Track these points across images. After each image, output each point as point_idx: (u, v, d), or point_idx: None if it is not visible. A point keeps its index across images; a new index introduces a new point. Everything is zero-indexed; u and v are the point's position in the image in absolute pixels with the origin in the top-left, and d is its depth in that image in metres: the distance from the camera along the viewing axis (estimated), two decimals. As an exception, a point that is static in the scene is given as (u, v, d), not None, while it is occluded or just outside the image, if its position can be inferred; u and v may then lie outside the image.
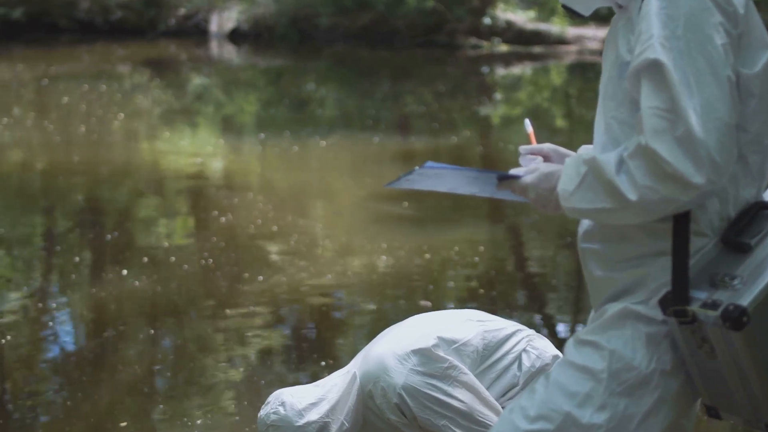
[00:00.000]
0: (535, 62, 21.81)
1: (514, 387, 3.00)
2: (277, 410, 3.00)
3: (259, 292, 6.36)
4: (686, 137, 1.89)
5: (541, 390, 2.15)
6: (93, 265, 7.15)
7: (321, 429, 2.95)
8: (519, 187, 2.17)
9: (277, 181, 10.17)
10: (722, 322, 1.93)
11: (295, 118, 14.28)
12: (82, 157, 10.83)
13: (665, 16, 1.95)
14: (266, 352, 5.43)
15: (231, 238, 7.66)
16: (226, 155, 11.49)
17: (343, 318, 6.17)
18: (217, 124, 13.86)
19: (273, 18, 24.19)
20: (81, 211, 8.91)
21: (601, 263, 2.16)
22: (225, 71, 20.07)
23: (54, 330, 5.80)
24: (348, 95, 16.56)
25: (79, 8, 23.88)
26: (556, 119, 15.16)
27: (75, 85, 16.09)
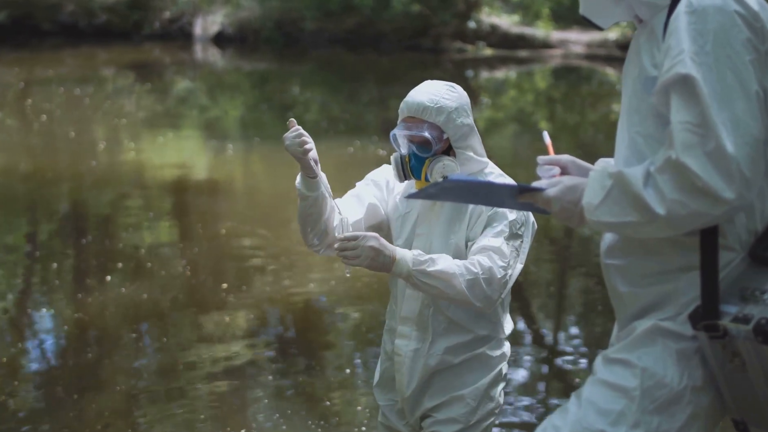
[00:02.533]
0: (520, 66, 21.85)
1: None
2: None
3: (243, 298, 6.33)
4: (717, 152, 1.89)
5: (574, 409, 2.14)
6: (75, 271, 7.10)
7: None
8: (542, 200, 2.15)
9: (261, 186, 10.14)
10: (754, 336, 1.92)
11: (280, 122, 14.25)
12: (65, 161, 10.77)
13: (694, 32, 1.96)
14: (249, 358, 5.40)
15: (214, 244, 7.62)
16: (210, 160, 11.45)
17: (327, 324, 6.14)
18: (201, 128, 13.82)
19: (258, 21, 24.16)
20: (63, 216, 8.86)
21: (626, 279, 2.15)
22: (209, 75, 20.02)
23: (35, 336, 5.76)
24: (333, 99, 16.54)
25: (63, 11, 23.79)
26: (540, 123, 15.18)
27: (58, 88, 16.01)
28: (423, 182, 2.90)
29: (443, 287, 2.75)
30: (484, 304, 2.79)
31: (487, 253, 2.79)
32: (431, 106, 2.86)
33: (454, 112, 2.87)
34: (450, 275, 2.74)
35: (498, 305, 2.94)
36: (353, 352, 5.69)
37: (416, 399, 2.99)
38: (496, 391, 2.99)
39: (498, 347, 2.99)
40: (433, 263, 2.76)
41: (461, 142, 2.90)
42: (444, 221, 2.91)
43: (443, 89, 2.92)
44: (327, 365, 5.45)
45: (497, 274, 2.77)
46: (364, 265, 2.77)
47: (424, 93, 2.90)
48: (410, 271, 2.76)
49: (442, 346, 2.93)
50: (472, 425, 2.94)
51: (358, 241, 2.76)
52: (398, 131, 2.92)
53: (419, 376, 2.96)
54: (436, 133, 2.87)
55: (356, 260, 2.76)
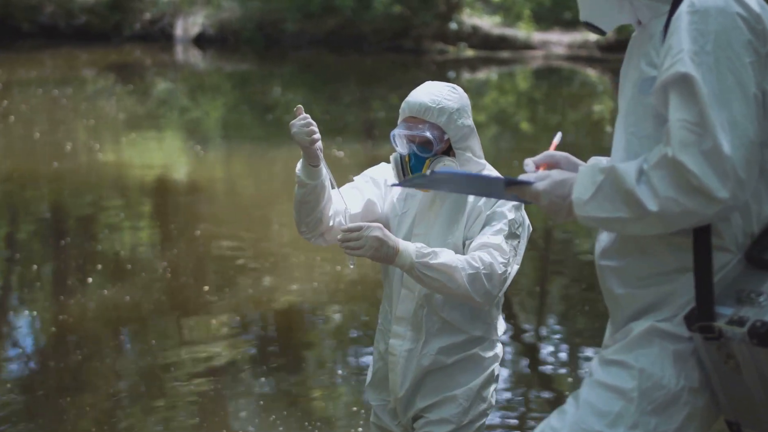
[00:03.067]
0: (501, 67, 21.90)
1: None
2: None
3: (224, 300, 6.32)
4: (713, 152, 1.89)
5: (572, 410, 2.14)
6: (55, 273, 7.06)
7: None
8: (531, 193, 2.15)
9: (242, 188, 10.12)
10: (749, 338, 1.93)
11: (261, 123, 14.23)
12: (43, 163, 10.71)
13: (695, 32, 1.96)
14: (231, 360, 5.38)
15: (195, 245, 7.60)
16: (191, 161, 11.41)
17: (309, 325, 6.13)
18: (182, 129, 13.78)
19: (239, 23, 24.12)
20: (43, 218, 8.81)
21: (622, 280, 2.15)
22: (190, 76, 19.96)
23: (16, 338, 5.72)
24: (314, 100, 16.52)
25: (43, 12, 23.66)
26: (521, 123, 15.22)
27: (38, 90, 15.92)
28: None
29: (445, 280, 2.76)
30: (484, 300, 2.80)
31: (487, 249, 2.81)
32: (433, 107, 2.88)
33: (455, 113, 2.89)
34: (452, 268, 2.76)
35: (493, 306, 2.95)
36: (335, 353, 5.68)
37: (409, 399, 3.00)
38: (489, 392, 3.00)
39: (491, 348, 3.01)
40: (435, 256, 2.77)
41: (461, 143, 2.92)
42: (442, 221, 2.93)
43: (445, 90, 2.94)
44: (309, 366, 5.44)
45: (498, 270, 2.79)
46: (368, 255, 2.77)
47: (426, 93, 2.92)
48: (413, 263, 2.77)
49: (436, 347, 2.94)
50: (464, 426, 2.95)
51: (362, 232, 2.77)
52: (399, 131, 2.93)
53: (412, 376, 2.97)
54: (438, 133, 2.89)
55: (360, 250, 2.77)
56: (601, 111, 16.97)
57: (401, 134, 2.93)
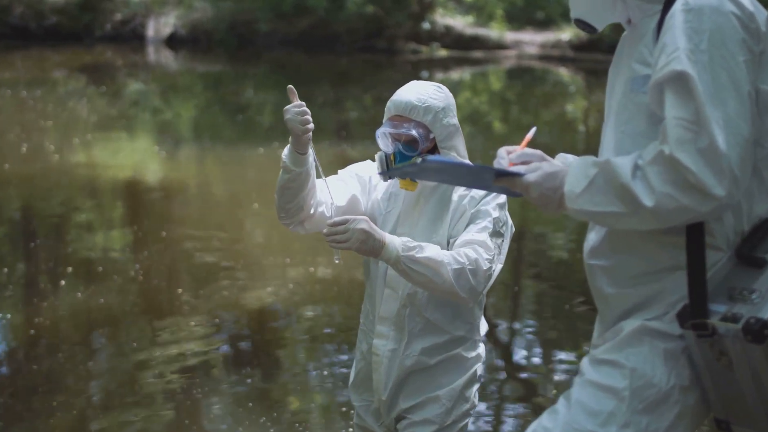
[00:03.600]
0: (474, 67, 21.95)
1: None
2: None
3: (198, 301, 6.28)
4: (710, 149, 1.90)
5: (564, 410, 2.14)
6: (27, 276, 6.99)
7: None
8: (521, 185, 2.13)
9: (215, 189, 10.08)
10: (743, 335, 1.94)
11: (234, 124, 14.17)
12: (15, 164, 10.61)
13: (690, 30, 1.97)
14: (205, 361, 5.35)
15: (168, 247, 7.55)
16: (163, 162, 11.35)
17: (282, 327, 6.11)
18: (154, 130, 13.70)
19: (211, 23, 24.02)
20: (13, 220, 8.72)
21: (612, 279, 2.15)
22: (162, 77, 19.86)
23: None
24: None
25: (13, 13, 23.46)
26: (494, 123, 15.25)
27: (8, 91, 15.78)
28: (408, 181, 2.91)
29: (431, 275, 2.75)
30: (469, 296, 2.80)
31: (472, 246, 2.80)
32: (419, 105, 2.88)
33: (441, 112, 2.90)
34: (438, 263, 2.75)
35: (475, 305, 2.95)
36: (309, 354, 5.67)
37: (392, 400, 2.99)
38: (471, 392, 3.00)
39: (473, 348, 3.00)
40: (421, 250, 2.77)
41: (447, 142, 2.92)
42: (426, 220, 2.93)
43: (431, 89, 2.94)
44: (283, 368, 5.42)
45: (483, 266, 2.79)
46: (354, 248, 2.76)
47: (411, 92, 2.92)
48: (399, 256, 2.76)
49: (419, 347, 2.93)
50: (447, 426, 2.94)
51: (348, 224, 2.76)
52: (385, 129, 2.93)
53: (395, 377, 2.96)
54: (423, 132, 2.89)
55: (346, 243, 2.76)
56: (573, 111, 17.04)
57: (387, 133, 2.92)
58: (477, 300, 2.89)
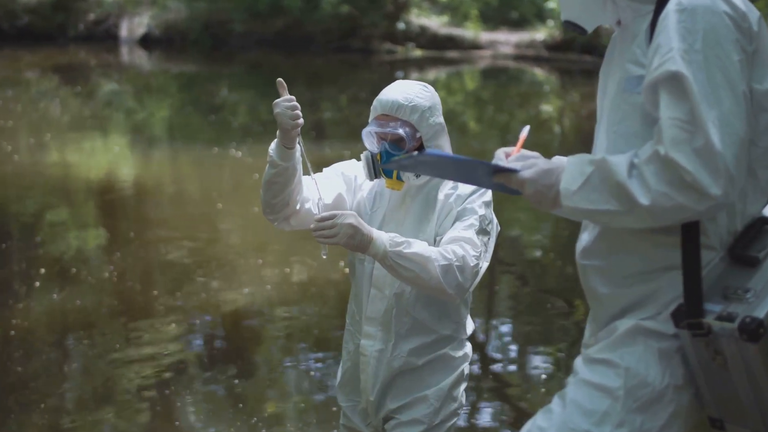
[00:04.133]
0: (449, 67, 21.98)
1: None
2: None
3: (173, 303, 6.25)
4: (705, 149, 1.91)
5: (558, 410, 2.14)
6: (1, 277, 6.94)
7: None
8: (517, 181, 2.13)
9: (189, 190, 10.03)
10: (739, 334, 1.94)
11: (208, 125, 14.12)
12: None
13: (684, 30, 1.97)
14: (179, 362, 5.33)
15: (143, 248, 7.51)
16: (137, 163, 11.29)
17: (257, 328, 6.09)
18: (128, 131, 13.62)
19: (185, 23, 23.91)
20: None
21: (606, 279, 2.16)
22: (136, 77, 19.76)
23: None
24: (262, 101, 16.44)
25: (-15, 13, 23.28)
26: (469, 123, 15.28)
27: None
28: (394, 181, 2.91)
29: (418, 270, 2.75)
30: (456, 292, 2.80)
31: (459, 243, 2.80)
32: (406, 104, 2.88)
33: (427, 111, 2.90)
34: (425, 258, 2.75)
35: (461, 304, 2.95)
36: (285, 355, 5.65)
37: (380, 400, 2.99)
38: (459, 392, 3.00)
39: (460, 348, 3.01)
40: (409, 245, 2.76)
41: (433, 141, 2.92)
42: (412, 219, 2.93)
43: (417, 88, 2.94)
44: (258, 368, 5.40)
45: (470, 263, 2.79)
46: (342, 243, 2.74)
47: (398, 91, 2.92)
48: (386, 252, 2.75)
49: (406, 348, 2.93)
50: (435, 426, 2.94)
51: (336, 219, 2.75)
52: (371, 129, 2.92)
53: (383, 378, 2.96)
54: (410, 131, 2.89)
55: (334, 239, 2.75)
56: (548, 110, 17.10)
57: (372, 132, 2.92)
58: (464, 297, 2.90)
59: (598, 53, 23.66)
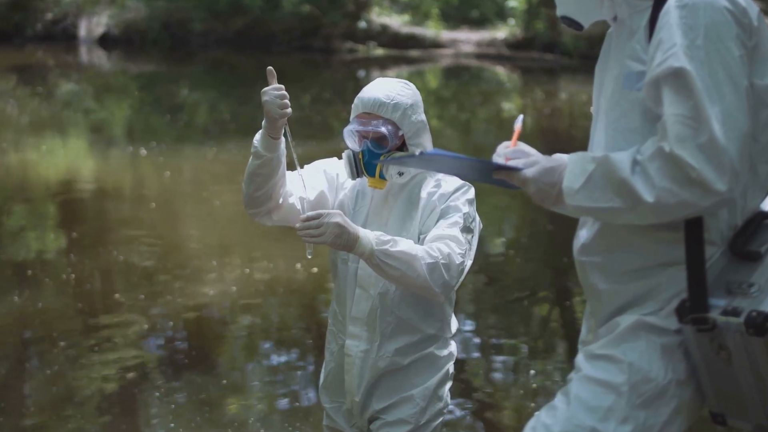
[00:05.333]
0: (411, 66, 21.99)
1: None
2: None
3: (135, 305, 6.20)
4: (710, 145, 1.91)
5: (563, 407, 2.14)
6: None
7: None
8: (519, 180, 2.13)
9: (150, 191, 9.95)
10: (745, 329, 1.95)
11: (169, 125, 14.02)
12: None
13: (685, 26, 1.98)
14: (141, 365, 5.28)
15: (104, 250, 7.44)
16: (97, 164, 11.18)
17: (220, 329, 6.06)
18: (88, 132, 13.49)
19: (144, 22, 23.73)
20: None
21: (606, 276, 2.16)
22: (95, 77, 19.58)
23: None
24: (223, 101, 16.35)
25: (-61, 12, 22.95)
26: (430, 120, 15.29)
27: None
28: (377, 179, 2.89)
29: (405, 269, 2.73)
30: (442, 290, 2.78)
31: (444, 240, 2.79)
32: (388, 102, 2.86)
33: (409, 109, 2.88)
34: (412, 257, 2.73)
35: (446, 302, 2.94)
36: (248, 356, 5.62)
37: (365, 401, 2.97)
38: (444, 391, 2.99)
39: (445, 346, 3.00)
40: (395, 244, 2.74)
41: (415, 138, 2.90)
42: (396, 218, 2.91)
43: (398, 86, 2.92)
44: (222, 370, 5.37)
45: (456, 261, 2.77)
46: (328, 242, 2.71)
47: (379, 89, 2.90)
48: (373, 250, 2.72)
49: (392, 348, 2.91)
50: (421, 426, 2.92)
51: (322, 218, 2.71)
52: (353, 127, 2.90)
53: (368, 378, 2.94)
54: (393, 129, 2.86)
55: (320, 238, 2.71)
56: (510, 108, 17.17)
57: (354, 130, 2.89)
58: (449, 295, 2.89)
59: (560, 51, 23.83)
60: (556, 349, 5.84)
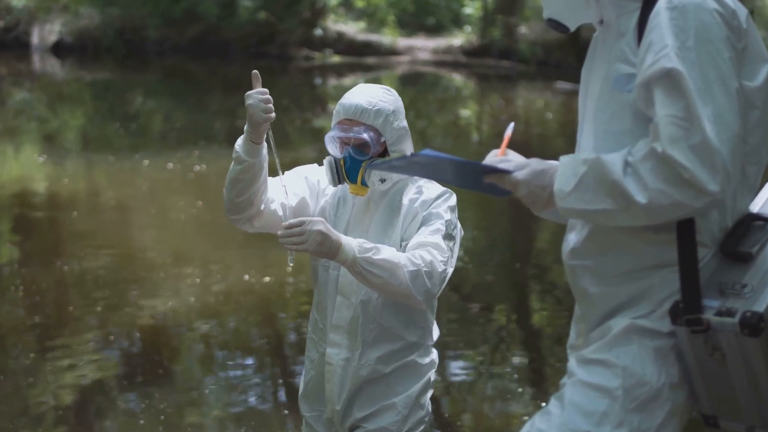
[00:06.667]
0: (367, 73, 22.01)
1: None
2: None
3: (90, 317, 6.12)
4: (702, 145, 1.92)
5: (557, 412, 2.13)
6: None
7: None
8: (510, 182, 2.12)
9: (105, 201, 9.84)
10: (740, 329, 1.95)
11: (124, 133, 13.89)
12: None
13: (676, 28, 1.98)
14: (98, 379, 5.21)
15: (57, 262, 7.34)
16: (50, 174, 11.04)
17: (177, 341, 5.99)
18: (41, 141, 13.32)
19: (98, 30, 23.51)
20: None
21: (597, 279, 2.15)
22: (48, 86, 19.36)
23: None
24: (179, 108, 16.23)
25: None
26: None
27: None
28: (359, 186, 2.87)
29: (387, 277, 2.71)
30: (425, 298, 2.77)
31: (426, 248, 2.77)
32: (369, 109, 2.84)
33: (391, 115, 2.86)
34: (395, 264, 2.71)
35: (428, 309, 2.92)
36: (206, 368, 5.57)
37: (346, 409, 2.94)
38: (426, 399, 2.97)
39: (427, 354, 2.98)
40: (378, 251, 2.72)
41: (397, 145, 2.89)
42: (377, 225, 2.89)
43: (380, 92, 2.90)
44: (179, 381, 5.31)
45: (438, 268, 2.76)
46: (310, 250, 2.68)
47: (361, 95, 2.88)
48: (356, 258, 2.70)
49: (374, 356, 2.89)
50: None
51: (305, 226, 2.68)
52: (334, 134, 2.87)
53: (350, 386, 2.91)
54: (375, 135, 2.84)
55: (302, 246, 2.68)
56: (467, 115, 17.24)
57: (336, 137, 2.87)
58: (431, 303, 2.88)
59: (516, 58, 23.99)
60: (511, 358, 5.84)
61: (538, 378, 5.42)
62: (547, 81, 20.87)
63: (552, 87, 20.15)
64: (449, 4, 26.54)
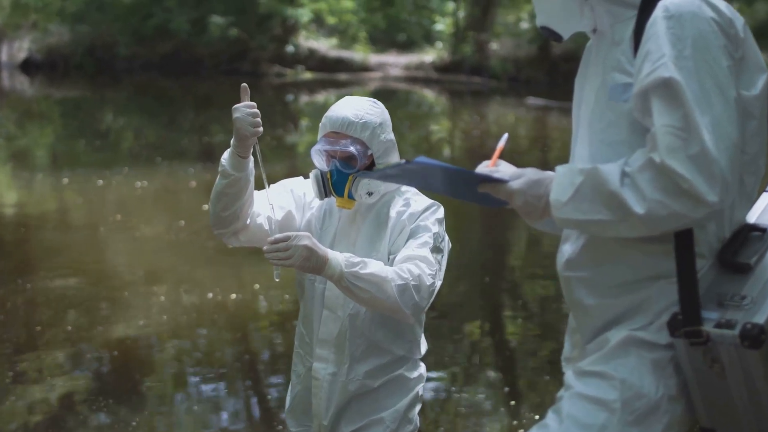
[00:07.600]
0: (339, 89, 22.03)
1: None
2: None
3: (59, 336, 6.05)
4: (701, 155, 1.90)
5: (555, 425, 2.11)
6: None
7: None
8: (505, 192, 2.09)
9: (75, 219, 9.76)
10: (741, 341, 1.93)
11: (94, 150, 13.80)
12: None
13: (673, 37, 1.96)
14: (67, 397, 5.15)
15: (26, 281, 7.26)
16: (19, 192, 10.95)
17: (148, 359, 5.94)
18: (9, 159, 13.21)
19: (68, 47, 23.41)
20: None
21: (592, 290, 2.12)
22: (17, 103, 19.22)
23: None
24: (150, 125, 16.16)
25: None
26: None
27: None
28: (346, 199, 2.84)
29: (375, 291, 2.68)
30: (413, 312, 2.74)
31: (414, 261, 2.74)
32: (356, 121, 2.82)
33: (378, 128, 2.85)
34: (382, 279, 2.68)
35: (416, 323, 2.90)
36: (176, 385, 5.52)
37: (333, 425, 2.91)
38: (414, 413, 2.95)
39: (415, 368, 2.96)
40: (365, 266, 2.69)
41: (384, 158, 2.87)
42: (364, 238, 2.86)
43: (366, 105, 2.89)
44: (150, 398, 5.26)
45: (426, 282, 2.73)
46: (296, 265, 2.66)
47: (347, 108, 2.86)
48: (342, 273, 2.67)
49: (362, 371, 2.86)
50: None
51: (291, 241, 2.65)
52: (321, 146, 2.85)
53: (337, 401, 2.88)
54: (362, 148, 2.82)
55: (288, 261, 2.65)
56: (439, 131, 17.28)
57: (322, 150, 2.85)
58: (419, 316, 2.86)
59: (488, 74, 24.10)
60: (485, 371, 5.84)
61: (511, 393, 5.41)
62: (519, 97, 20.97)
63: (524, 103, 20.25)
64: (420, 20, 26.65)
